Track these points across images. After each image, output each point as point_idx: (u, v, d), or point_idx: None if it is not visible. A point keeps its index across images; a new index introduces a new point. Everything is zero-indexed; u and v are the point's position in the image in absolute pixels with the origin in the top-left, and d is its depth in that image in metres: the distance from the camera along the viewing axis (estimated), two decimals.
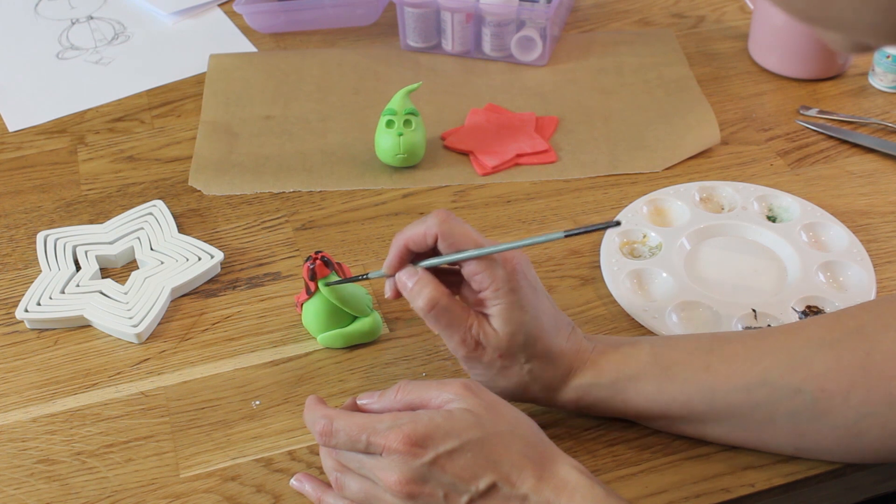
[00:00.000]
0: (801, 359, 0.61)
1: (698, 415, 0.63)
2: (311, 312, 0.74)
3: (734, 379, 0.62)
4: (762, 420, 0.62)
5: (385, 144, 0.90)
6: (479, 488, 0.55)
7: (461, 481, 0.55)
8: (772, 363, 0.61)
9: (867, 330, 0.60)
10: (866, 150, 0.93)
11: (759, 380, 0.61)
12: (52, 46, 1.14)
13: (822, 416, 0.60)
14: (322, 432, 0.59)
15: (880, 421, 0.59)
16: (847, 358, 0.60)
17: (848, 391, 0.59)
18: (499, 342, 0.62)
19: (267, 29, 1.14)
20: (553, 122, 0.97)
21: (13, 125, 1.01)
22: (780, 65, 1.03)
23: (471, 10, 1.04)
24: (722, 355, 0.63)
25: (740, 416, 0.62)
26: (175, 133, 0.98)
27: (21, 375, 0.74)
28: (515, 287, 0.61)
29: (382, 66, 1.07)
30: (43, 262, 0.82)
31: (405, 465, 0.55)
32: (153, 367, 0.74)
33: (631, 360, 0.64)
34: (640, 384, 0.63)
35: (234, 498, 0.65)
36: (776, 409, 0.61)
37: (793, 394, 0.60)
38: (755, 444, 0.65)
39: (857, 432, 0.60)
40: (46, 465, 0.67)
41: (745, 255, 0.81)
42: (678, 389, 0.63)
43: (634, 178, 0.90)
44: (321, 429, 0.59)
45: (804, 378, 0.60)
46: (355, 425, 0.58)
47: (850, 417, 0.59)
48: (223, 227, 0.86)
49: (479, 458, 0.56)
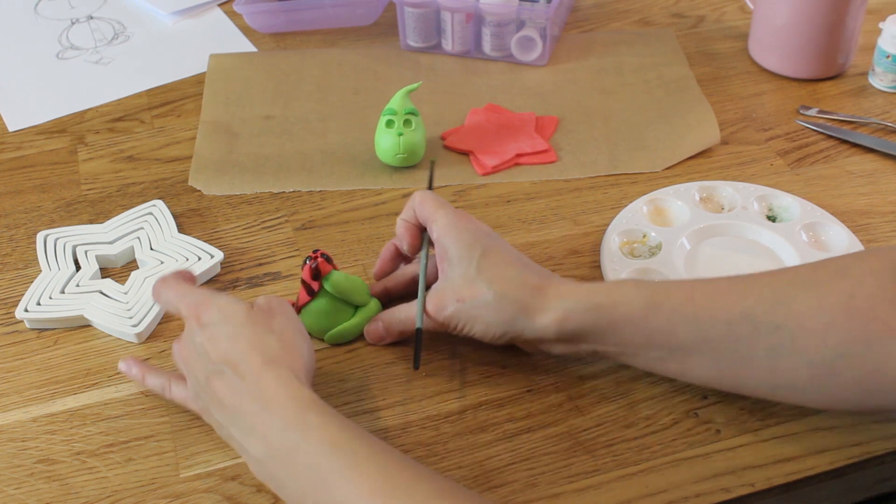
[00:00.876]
0: (783, 297, 0.62)
1: (681, 345, 0.64)
2: (314, 313, 0.73)
3: (718, 312, 0.63)
4: (742, 355, 0.63)
5: (385, 144, 0.90)
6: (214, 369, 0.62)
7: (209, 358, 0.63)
8: (755, 300, 0.62)
9: (851, 272, 0.61)
10: (866, 149, 0.93)
11: (742, 315, 0.62)
12: (52, 46, 1.14)
13: (799, 352, 0.61)
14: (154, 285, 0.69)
15: (856, 362, 0.59)
16: (829, 298, 0.61)
17: (826, 330, 0.60)
18: (450, 283, 0.69)
19: (267, 29, 1.14)
20: (553, 122, 0.97)
21: (13, 125, 1.01)
22: (780, 65, 1.03)
23: (471, 10, 1.04)
24: (706, 290, 0.64)
25: (721, 350, 0.63)
26: (175, 133, 0.98)
27: (21, 375, 0.74)
28: (442, 237, 0.71)
29: (382, 66, 1.07)
30: (43, 262, 0.82)
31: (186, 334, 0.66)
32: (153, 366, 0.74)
33: (616, 289, 0.66)
34: (625, 309, 0.65)
35: (234, 498, 0.65)
36: (756, 345, 0.62)
37: (773, 330, 0.61)
38: (733, 382, 0.65)
39: (833, 371, 0.60)
40: (46, 464, 0.67)
41: (744, 255, 0.81)
42: (664, 318, 0.64)
43: (634, 177, 0.90)
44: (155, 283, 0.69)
45: (785, 315, 0.61)
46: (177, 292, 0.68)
47: (826, 356, 0.60)
48: (223, 226, 0.86)
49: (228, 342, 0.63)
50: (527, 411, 0.69)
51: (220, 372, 0.62)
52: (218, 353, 0.62)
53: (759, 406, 0.69)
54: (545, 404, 0.69)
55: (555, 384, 0.71)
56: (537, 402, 0.70)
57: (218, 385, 0.62)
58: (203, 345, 0.63)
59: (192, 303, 0.66)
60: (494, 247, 0.70)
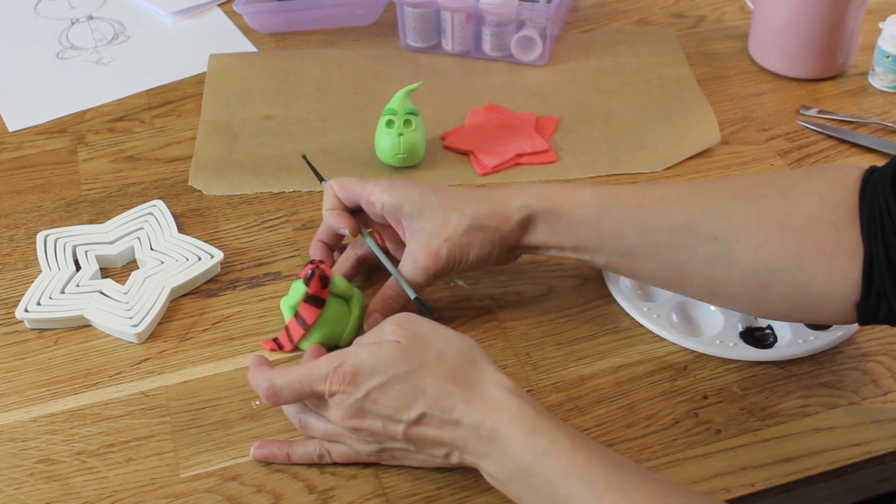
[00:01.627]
0: (724, 210, 0.65)
1: (629, 248, 0.68)
2: (332, 320, 0.72)
3: (662, 219, 0.67)
4: (682, 261, 0.67)
5: (385, 144, 0.90)
6: (411, 417, 0.60)
7: (394, 411, 0.60)
8: (697, 210, 0.66)
9: (793, 192, 0.64)
10: (866, 149, 0.93)
11: (684, 223, 0.66)
12: (52, 46, 1.14)
13: (734, 264, 0.64)
14: (267, 395, 0.63)
15: (786, 277, 0.62)
16: (767, 214, 0.63)
17: (761, 244, 0.63)
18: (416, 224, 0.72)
19: (267, 29, 1.14)
20: (553, 122, 0.97)
21: (13, 125, 1.01)
22: (780, 65, 1.03)
23: (471, 10, 1.04)
24: (653, 197, 0.68)
25: (665, 255, 0.67)
26: (175, 133, 0.98)
27: (21, 375, 0.74)
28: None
29: (382, 66, 1.07)
30: (43, 262, 0.82)
31: (343, 403, 0.61)
32: (153, 366, 0.74)
33: (573, 192, 0.70)
34: (580, 212, 0.69)
35: (234, 498, 0.65)
36: (695, 253, 0.66)
37: (711, 240, 0.65)
38: (678, 285, 0.69)
39: (764, 284, 0.63)
40: (47, 465, 0.67)
41: None
42: (614, 220, 0.68)
43: (634, 178, 0.90)
44: (265, 392, 0.63)
45: (724, 228, 0.64)
46: (296, 380, 0.62)
47: (759, 269, 0.63)
48: (223, 226, 0.86)
49: (406, 388, 0.60)
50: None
51: (418, 418, 0.60)
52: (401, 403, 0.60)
53: (758, 406, 0.69)
54: (545, 404, 0.69)
55: (555, 384, 0.71)
56: (537, 402, 0.70)
57: (424, 431, 0.60)
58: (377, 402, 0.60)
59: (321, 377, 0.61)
60: (436, 186, 0.74)
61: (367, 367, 0.60)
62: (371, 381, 0.60)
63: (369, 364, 0.60)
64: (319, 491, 0.65)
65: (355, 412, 0.61)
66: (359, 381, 0.60)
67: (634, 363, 0.72)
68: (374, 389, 0.60)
